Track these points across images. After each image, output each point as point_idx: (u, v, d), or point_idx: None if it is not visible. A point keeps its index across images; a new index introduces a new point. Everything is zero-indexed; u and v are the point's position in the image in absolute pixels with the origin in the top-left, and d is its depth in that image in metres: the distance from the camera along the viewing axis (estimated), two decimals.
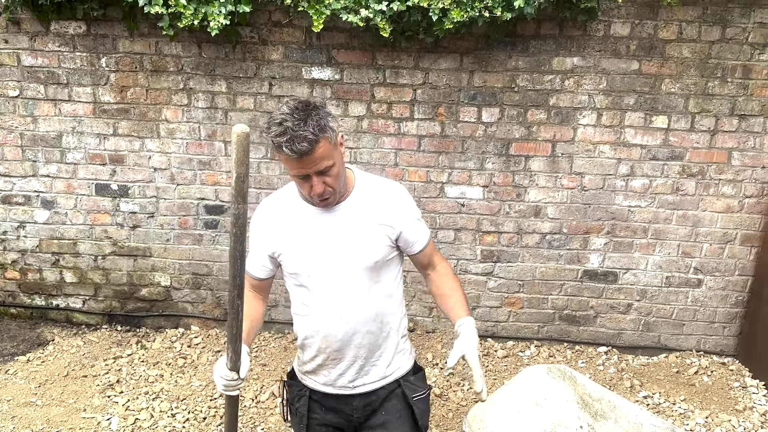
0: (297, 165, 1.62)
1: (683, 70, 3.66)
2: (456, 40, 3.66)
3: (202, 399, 3.43)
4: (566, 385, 2.36)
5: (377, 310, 1.84)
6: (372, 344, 1.86)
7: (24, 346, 3.97)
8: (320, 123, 1.59)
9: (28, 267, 4.22)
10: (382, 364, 1.90)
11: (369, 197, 1.82)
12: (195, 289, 4.21)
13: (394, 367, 1.93)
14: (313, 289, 1.82)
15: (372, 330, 1.84)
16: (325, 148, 1.61)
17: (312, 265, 1.80)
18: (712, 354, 4.13)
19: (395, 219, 1.83)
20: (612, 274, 4.04)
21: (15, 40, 3.81)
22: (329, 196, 1.71)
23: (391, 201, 1.84)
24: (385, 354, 1.90)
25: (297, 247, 1.81)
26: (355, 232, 1.78)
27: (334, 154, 1.65)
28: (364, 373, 1.89)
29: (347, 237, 1.78)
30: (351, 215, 1.79)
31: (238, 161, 1.44)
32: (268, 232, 1.85)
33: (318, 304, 1.83)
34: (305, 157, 1.59)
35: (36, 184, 4.06)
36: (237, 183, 1.46)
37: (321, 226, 1.78)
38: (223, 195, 4.02)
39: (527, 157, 3.85)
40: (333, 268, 1.79)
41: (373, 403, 1.92)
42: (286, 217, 1.83)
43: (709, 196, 3.86)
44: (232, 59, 3.79)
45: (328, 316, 1.82)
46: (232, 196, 1.48)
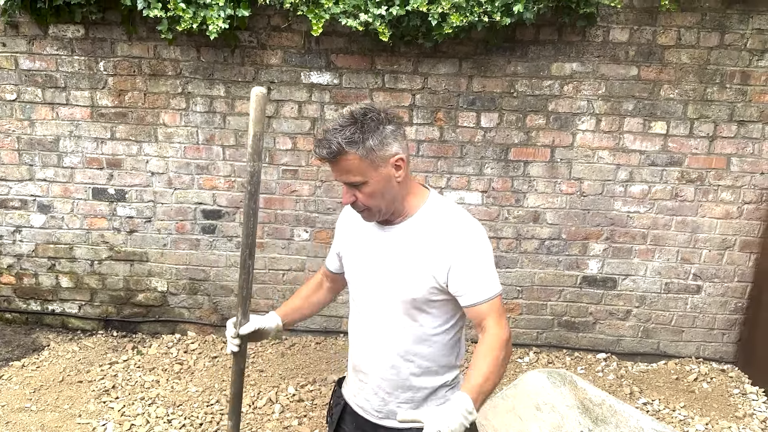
0: (331, 169, 1.60)
1: (682, 76, 3.67)
2: (455, 45, 3.66)
3: (199, 405, 3.40)
4: (567, 390, 2.34)
5: (407, 349, 1.68)
6: (395, 384, 1.72)
7: (19, 352, 3.93)
8: (355, 137, 1.51)
9: (24, 272, 4.19)
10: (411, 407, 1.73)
11: (428, 226, 1.64)
12: (192, 295, 4.18)
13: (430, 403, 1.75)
14: (354, 299, 1.81)
15: (397, 366, 1.70)
16: (353, 164, 1.54)
17: (357, 277, 1.77)
18: (711, 361, 4.11)
19: (446, 258, 1.59)
20: (611, 280, 4.03)
21: (13, 43, 3.79)
22: (363, 210, 1.64)
23: (449, 236, 1.61)
24: (413, 399, 1.73)
25: (351, 255, 1.80)
26: (399, 260, 1.65)
27: (368, 172, 1.55)
28: (389, 409, 1.75)
29: (391, 262, 1.66)
30: (402, 240, 1.66)
31: (256, 120, 1.54)
32: (341, 232, 1.88)
33: (354, 316, 1.81)
34: (330, 164, 1.57)
35: (32, 188, 4.03)
36: (254, 141, 1.55)
37: (373, 240, 1.72)
38: (220, 199, 4.00)
39: (526, 162, 3.84)
40: (372, 289, 1.72)
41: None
42: (356, 226, 1.79)
43: (708, 202, 3.86)
44: (231, 63, 3.78)
45: (358, 334, 1.79)
46: (249, 154, 1.56)
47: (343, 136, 1.51)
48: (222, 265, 4.11)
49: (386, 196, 1.60)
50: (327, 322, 4.20)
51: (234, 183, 3.97)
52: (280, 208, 4.00)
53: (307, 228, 4.03)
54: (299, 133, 3.87)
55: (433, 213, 1.65)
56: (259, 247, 4.07)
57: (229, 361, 3.86)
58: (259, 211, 3.93)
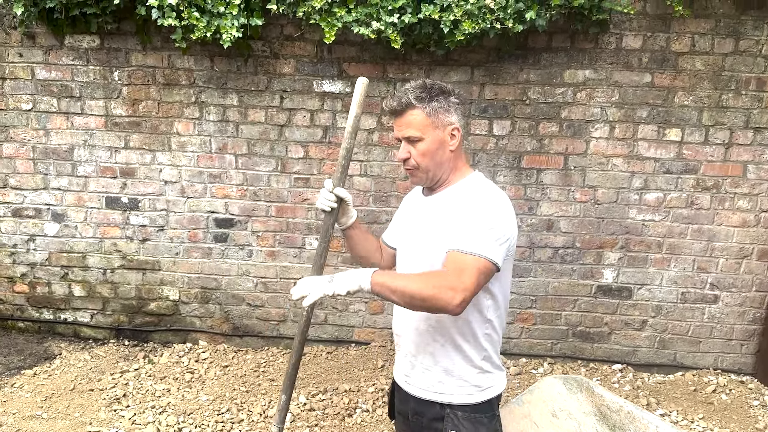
0: (395, 125, 1.76)
1: (696, 83, 3.64)
2: (467, 52, 3.66)
3: (210, 414, 3.37)
4: (583, 397, 2.29)
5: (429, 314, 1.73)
6: (419, 345, 1.80)
7: (31, 360, 3.93)
8: (423, 95, 1.69)
9: (37, 280, 4.21)
10: (432, 377, 1.79)
11: (459, 196, 1.75)
12: (203, 304, 4.17)
13: (445, 389, 1.78)
14: (398, 267, 1.93)
15: (420, 330, 1.79)
16: (417, 119, 1.70)
17: (400, 243, 1.92)
18: (729, 372, 4.03)
19: (454, 219, 1.69)
20: (626, 289, 3.97)
21: (30, 53, 3.84)
22: (412, 168, 1.76)
23: (465, 203, 1.70)
24: (437, 368, 1.79)
25: (400, 224, 1.97)
26: (431, 226, 1.77)
27: (427, 130, 1.70)
28: (415, 373, 1.84)
29: (425, 227, 1.79)
30: (436, 207, 1.79)
31: (359, 103, 1.77)
32: (399, 214, 2.03)
33: None
34: (396, 118, 1.73)
35: (47, 197, 4.06)
36: (354, 121, 1.77)
37: (416, 209, 1.88)
38: (233, 208, 4.01)
39: (539, 170, 3.82)
40: (409, 252, 1.84)
41: (422, 416, 1.83)
42: (409, 202, 1.99)
43: (725, 210, 3.81)
44: (244, 72, 3.80)
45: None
46: (348, 132, 1.78)
47: (414, 93, 1.70)
48: (234, 274, 4.10)
49: (436, 159, 1.73)
50: (338, 331, 4.17)
51: (246, 191, 3.97)
52: (291, 217, 4.00)
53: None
54: (311, 142, 3.88)
55: (467, 186, 1.77)
56: (270, 256, 4.06)
57: (240, 370, 3.86)
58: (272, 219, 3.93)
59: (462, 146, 1.81)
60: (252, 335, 4.20)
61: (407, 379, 1.87)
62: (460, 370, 1.77)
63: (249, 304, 4.16)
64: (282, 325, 4.18)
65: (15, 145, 3.98)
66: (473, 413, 1.76)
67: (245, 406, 3.46)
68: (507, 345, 4.11)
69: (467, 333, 1.75)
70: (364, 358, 4.00)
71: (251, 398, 3.54)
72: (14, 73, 3.87)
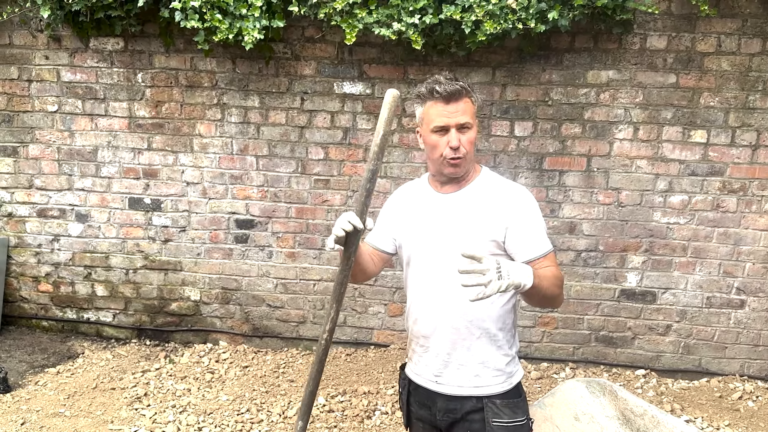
0: (442, 113, 1.71)
1: (722, 84, 3.58)
2: (488, 53, 3.64)
3: (229, 413, 3.38)
4: (606, 400, 2.26)
5: (467, 307, 1.76)
6: (455, 342, 1.80)
7: (54, 359, 3.98)
8: (469, 85, 1.75)
9: (61, 280, 4.26)
10: (468, 372, 1.82)
11: (486, 192, 1.80)
12: (224, 304, 4.19)
13: (482, 382, 1.82)
14: (415, 269, 1.87)
15: (457, 326, 1.79)
16: (469, 107, 1.73)
17: (418, 244, 1.85)
18: (756, 379, 3.94)
19: (503, 220, 1.75)
20: (650, 293, 3.91)
21: (55, 56, 3.90)
22: (462, 157, 1.74)
23: (505, 200, 1.77)
24: (472, 361, 1.81)
25: (410, 226, 1.88)
26: (463, 220, 1.77)
27: (474, 120, 1.76)
28: (449, 372, 1.83)
29: (455, 223, 1.78)
30: (466, 202, 1.80)
31: (387, 120, 1.60)
32: (392, 215, 1.96)
33: (416, 285, 1.87)
34: (452, 103, 1.70)
35: (71, 197, 4.11)
36: (381, 140, 1.61)
37: (434, 207, 1.84)
38: (253, 209, 4.02)
39: (561, 171, 3.78)
40: (435, 250, 1.80)
41: (455, 412, 1.84)
42: (411, 201, 1.92)
43: (752, 213, 3.73)
44: (266, 74, 3.82)
45: (421, 299, 1.86)
46: (374, 153, 1.62)
47: (462, 83, 1.72)
48: (254, 275, 4.12)
49: (474, 148, 1.80)
50: (357, 333, 4.16)
51: (267, 193, 3.98)
52: (311, 218, 4.00)
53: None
54: (331, 143, 3.88)
55: (489, 181, 1.83)
56: (290, 257, 4.07)
57: (260, 371, 3.87)
58: (292, 220, 3.94)
59: None
60: (272, 336, 4.21)
61: (438, 379, 1.85)
62: (495, 361, 1.82)
63: (269, 305, 4.17)
64: (301, 327, 4.18)
65: (40, 147, 4.04)
66: (510, 399, 1.83)
67: (265, 406, 3.47)
68: (528, 349, 4.06)
69: (503, 322, 1.82)
70: (383, 360, 3.99)
71: (271, 399, 3.54)
72: (40, 75, 3.93)
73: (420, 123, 1.80)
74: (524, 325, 4.02)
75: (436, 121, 1.73)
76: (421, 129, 1.80)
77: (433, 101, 1.72)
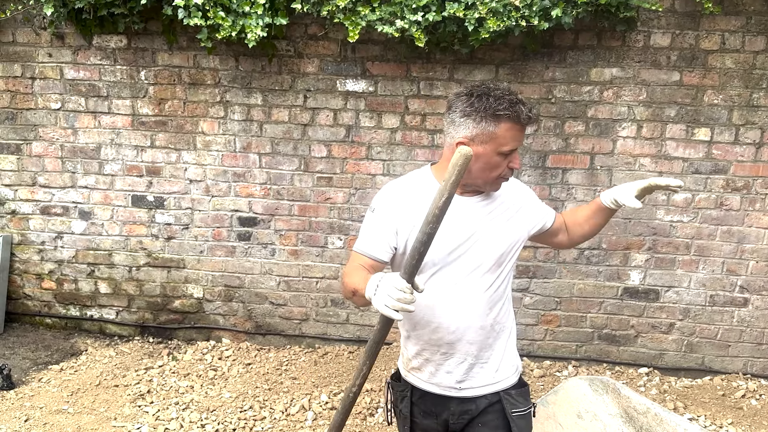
0: (517, 137, 1.67)
1: (726, 81, 3.57)
2: (491, 51, 3.63)
3: (232, 411, 3.39)
4: (609, 398, 2.25)
5: (492, 305, 1.80)
6: (483, 342, 1.81)
7: (58, 356, 3.99)
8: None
9: (64, 277, 4.27)
10: (490, 368, 1.83)
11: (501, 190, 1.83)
12: (227, 302, 4.20)
13: (500, 375, 1.85)
14: (434, 276, 1.74)
15: (485, 326, 1.80)
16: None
17: (440, 250, 1.71)
18: (760, 377, 3.94)
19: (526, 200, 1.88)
20: (653, 291, 3.90)
21: (59, 54, 3.91)
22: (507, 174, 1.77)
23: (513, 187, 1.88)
24: (494, 356, 1.84)
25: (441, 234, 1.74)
26: (491, 221, 1.79)
27: None
28: (472, 374, 1.82)
29: (484, 226, 1.77)
30: (495, 205, 1.81)
31: (454, 183, 1.40)
32: (401, 214, 1.75)
33: (440, 292, 1.75)
34: (521, 127, 1.66)
35: (74, 195, 4.12)
36: (444, 204, 1.41)
37: (465, 212, 1.77)
38: (256, 207, 4.02)
39: (564, 169, 3.78)
40: (469, 255, 1.75)
41: (471, 412, 1.84)
42: (422, 199, 1.71)
43: (755, 212, 3.73)
44: (268, 72, 3.82)
45: (447, 306, 1.76)
46: (434, 215, 1.42)
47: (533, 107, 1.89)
48: (257, 273, 4.12)
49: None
50: (360, 331, 4.16)
51: (269, 190, 3.99)
52: (314, 216, 4.00)
53: (341, 236, 4.02)
54: (334, 141, 3.88)
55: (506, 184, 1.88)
56: (293, 255, 4.07)
57: (263, 368, 3.87)
58: (295, 218, 3.93)
59: None
60: (274, 334, 4.22)
61: (461, 384, 1.82)
62: (510, 352, 1.88)
63: (272, 302, 4.17)
64: (304, 324, 4.19)
65: (44, 144, 4.04)
66: (521, 387, 1.89)
67: (267, 403, 3.47)
68: (531, 347, 4.06)
69: (509, 310, 1.89)
70: (386, 358, 3.99)
71: (273, 396, 3.55)
72: (44, 72, 3.94)
73: (482, 138, 1.64)
74: (527, 323, 4.02)
75: (510, 144, 1.65)
76: (482, 146, 1.65)
77: (512, 123, 1.62)
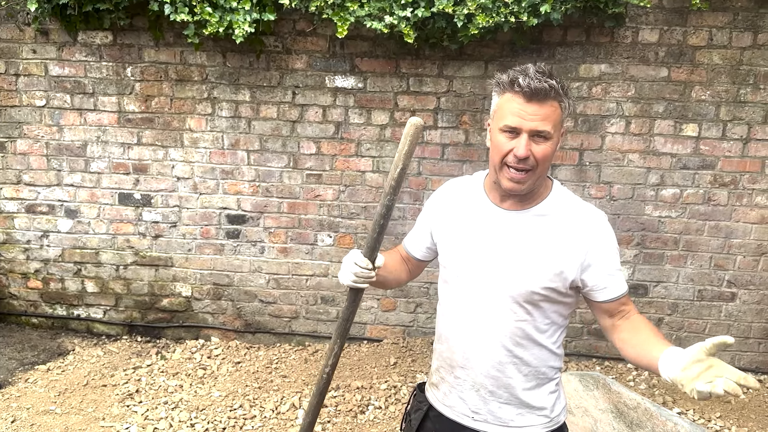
0: (519, 111, 1.42)
1: (714, 77, 3.59)
2: (480, 47, 3.63)
3: (222, 409, 3.37)
4: (600, 393, 2.26)
5: (513, 345, 1.58)
6: (498, 378, 1.61)
7: (44, 356, 3.95)
8: (563, 85, 1.44)
9: (51, 276, 4.22)
10: (511, 411, 1.63)
11: (562, 214, 1.54)
12: (215, 300, 4.17)
13: (525, 421, 1.63)
14: (454, 288, 1.65)
15: (502, 361, 1.60)
16: (554, 112, 1.43)
17: (466, 262, 1.60)
18: (747, 371, 3.96)
19: (582, 254, 1.52)
20: (642, 287, 3.92)
21: (43, 50, 3.85)
22: (529, 169, 1.46)
23: (587, 229, 1.52)
24: (516, 400, 1.62)
25: (459, 238, 1.63)
26: (526, 248, 1.53)
27: (556, 129, 1.46)
28: (491, 409, 1.63)
29: (516, 249, 1.53)
30: (534, 226, 1.54)
31: (408, 153, 1.41)
32: (437, 214, 1.71)
33: (454, 305, 1.65)
34: (533, 103, 1.41)
35: (60, 193, 4.07)
36: (399, 174, 1.43)
37: (496, 226, 1.57)
38: (245, 204, 4.00)
39: (554, 165, 3.78)
40: (486, 276, 1.57)
41: None
42: (463, 210, 1.64)
43: (743, 207, 3.75)
44: (256, 68, 3.79)
45: (459, 325, 1.64)
46: (391, 187, 1.44)
47: (560, 82, 1.42)
48: (246, 270, 4.10)
49: (548, 164, 1.49)
50: (351, 328, 4.14)
51: (258, 187, 3.96)
52: (303, 213, 3.98)
53: (331, 233, 4.00)
54: (323, 138, 3.86)
55: (563, 204, 1.57)
56: (283, 252, 4.05)
57: (252, 366, 3.85)
58: (284, 215, 3.90)
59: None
60: (264, 332, 4.20)
61: (475, 416, 1.65)
62: (542, 400, 1.63)
63: (261, 300, 4.15)
64: (294, 322, 4.17)
65: (29, 142, 3.99)
66: None
67: (257, 402, 3.46)
68: None
69: (554, 357, 1.65)
70: (377, 355, 3.98)
71: (263, 394, 3.53)
72: (28, 69, 3.88)
73: (492, 116, 1.52)
74: None
75: (508, 119, 1.43)
76: (492, 123, 1.52)
77: (512, 94, 1.43)
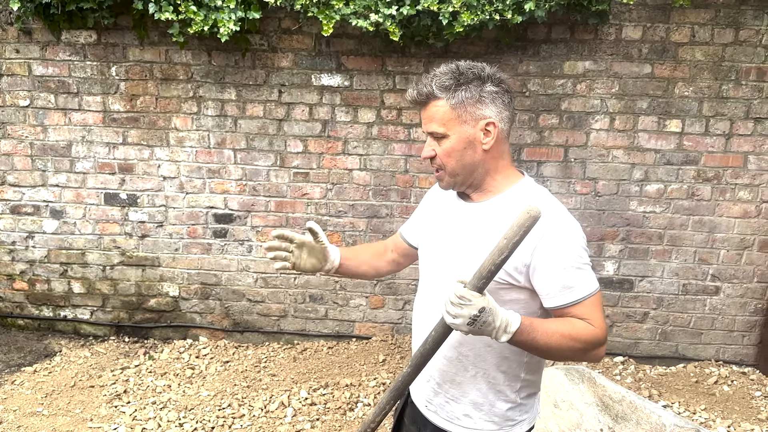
0: (421, 115, 1.51)
1: (696, 73, 3.63)
2: (466, 45, 3.64)
3: (210, 409, 3.36)
4: (585, 387, 2.28)
5: (463, 340, 1.52)
6: (446, 373, 1.58)
7: (31, 357, 3.92)
8: (448, 84, 1.44)
9: (37, 278, 4.19)
10: (458, 410, 1.58)
11: (511, 210, 1.43)
12: (203, 300, 4.16)
13: (473, 423, 1.57)
14: (421, 279, 1.69)
15: (449, 357, 1.56)
16: (440, 111, 1.46)
17: (426, 250, 1.66)
18: (731, 363, 4.02)
19: (527, 254, 1.41)
20: (627, 281, 3.96)
21: (26, 49, 3.82)
22: (438, 168, 1.52)
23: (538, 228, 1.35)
24: (464, 399, 1.57)
25: (427, 228, 1.71)
26: (473, 240, 1.48)
27: (452, 125, 1.45)
28: (438, 402, 1.61)
29: (465, 240, 1.51)
30: (480, 219, 1.51)
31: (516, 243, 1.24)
32: (427, 205, 1.79)
33: (420, 294, 1.70)
34: (422, 108, 1.49)
35: (45, 193, 4.04)
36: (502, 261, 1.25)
37: (452, 215, 1.60)
38: (232, 203, 3.99)
39: (539, 162, 3.80)
40: (439, 266, 1.58)
41: None
42: (438, 203, 1.71)
43: (726, 201, 3.80)
44: (242, 67, 3.78)
45: (420, 313, 1.66)
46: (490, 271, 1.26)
47: (438, 80, 1.45)
48: (233, 270, 4.09)
49: (465, 159, 1.48)
50: (339, 326, 4.16)
51: (245, 186, 3.95)
52: (291, 211, 3.98)
53: None
54: (310, 136, 3.86)
55: (521, 197, 1.48)
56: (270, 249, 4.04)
57: (241, 365, 3.85)
58: (271, 214, 3.88)
59: (504, 144, 1.51)
60: (252, 331, 4.19)
61: (428, 405, 1.65)
62: (492, 405, 1.55)
63: (249, 299, 4.14)
64: (282, 321, 4.17)
65: (12, 142, 3.96)
66: None
67: (246, 401, 3.45)
68: None
69: (507, 362, 1.53)
70: (365, 353, 3.99)
71: (252, 393, 3.53)
72: (11, 69, 3.85)
73: None
74: None
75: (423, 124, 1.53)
76: None
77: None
